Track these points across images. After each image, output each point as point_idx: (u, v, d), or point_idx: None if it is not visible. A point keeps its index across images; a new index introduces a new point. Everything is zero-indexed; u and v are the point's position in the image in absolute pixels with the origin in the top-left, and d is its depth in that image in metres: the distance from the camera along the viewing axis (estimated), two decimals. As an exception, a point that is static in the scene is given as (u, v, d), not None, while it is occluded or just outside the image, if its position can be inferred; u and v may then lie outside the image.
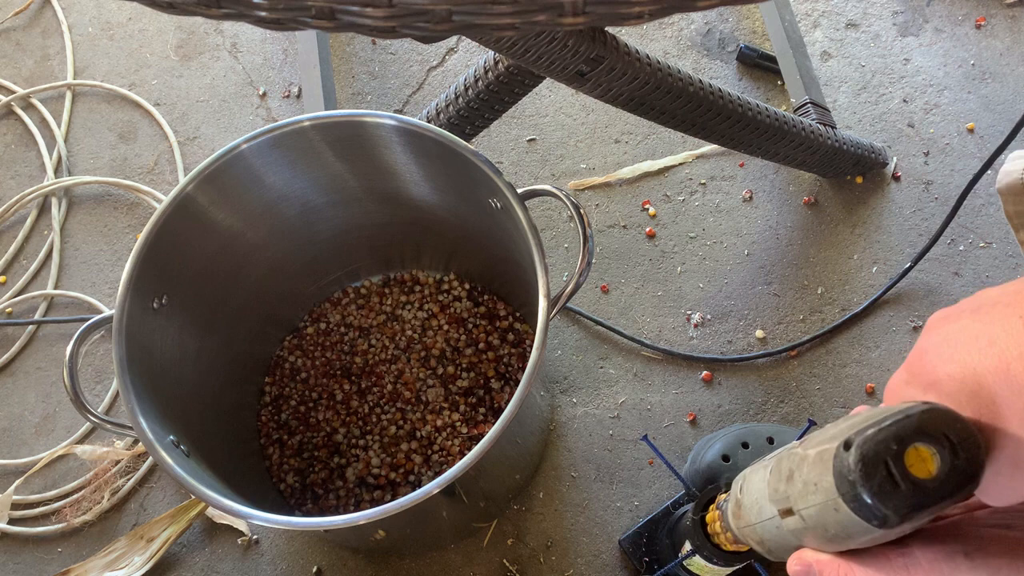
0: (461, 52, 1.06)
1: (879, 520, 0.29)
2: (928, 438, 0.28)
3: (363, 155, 0.69)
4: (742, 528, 0.41)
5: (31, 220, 0.99)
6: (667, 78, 0.70)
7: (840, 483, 0.29)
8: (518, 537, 0.80)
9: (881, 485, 0.28)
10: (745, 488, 0.40)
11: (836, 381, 0.84)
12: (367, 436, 0.83)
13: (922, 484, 0.28)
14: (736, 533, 0.42)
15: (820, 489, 0.31)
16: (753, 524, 0.38)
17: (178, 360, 0.68)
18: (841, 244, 0.90)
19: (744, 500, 0.40)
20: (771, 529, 0.36)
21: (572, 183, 0.95)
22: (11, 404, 0.91)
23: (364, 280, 0.90)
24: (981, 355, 0.29)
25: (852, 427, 0.30)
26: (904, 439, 0.28)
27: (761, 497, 0.37)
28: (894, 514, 0.28)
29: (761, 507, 0.37)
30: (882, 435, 0.28)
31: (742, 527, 0.40)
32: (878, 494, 0.28)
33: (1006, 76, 0.97)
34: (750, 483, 0.39)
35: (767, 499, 0.36)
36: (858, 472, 0.28)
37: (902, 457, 0.28)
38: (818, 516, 0.32)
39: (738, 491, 0.41)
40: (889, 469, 0.28)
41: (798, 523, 0.33)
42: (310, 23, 0.38)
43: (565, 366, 0.87)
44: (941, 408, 0.29)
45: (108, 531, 0.83)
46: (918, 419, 0.28)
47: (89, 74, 1.08)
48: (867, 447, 0.29)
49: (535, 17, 0.37)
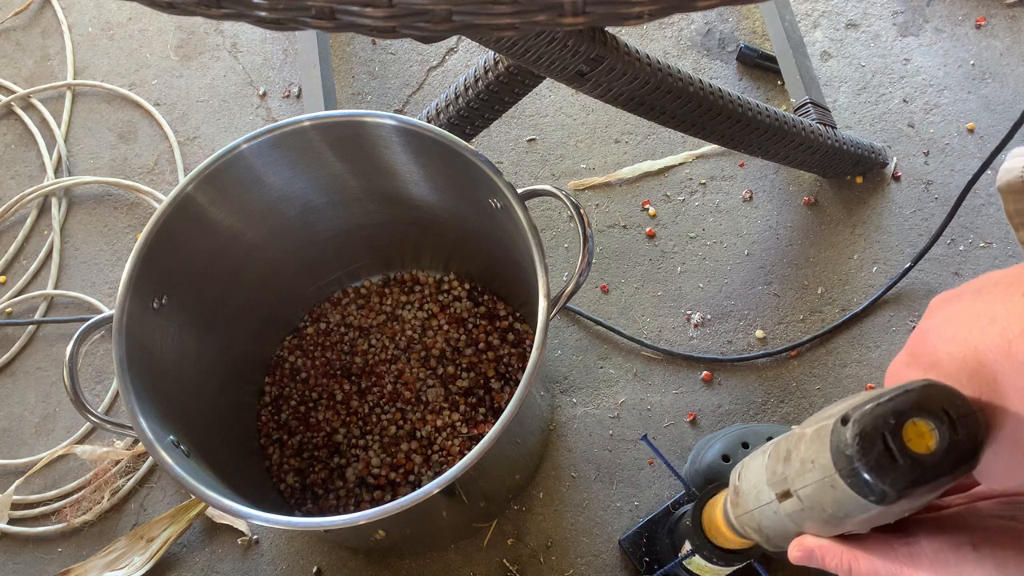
0: (461, 52, 1.06)
1: (877, 496, 0.28)
2: (927, 413, 0.28)
3: (363, 155, 0.69)
4: (740, 516, 0.40)
5: (31, 220, 0.99)
6: (667, 78, 0.70)
7: (837, 458, 0.29)
8: (518, 537, 0.80)
9: (879, 460, 0.28)
10: (743, 475, 0.39)
11: (836, 381, 0.84)
12: (367, 436, 0.83)
13: (920, 459, 0.27)
14: (735, 523, 0.42)
15: (817, 466, 0.30)
16: (751, 510, 0.38)
17: (178, 360, 0.68)
18: (841, 244, 0.90)
19: (742, 486, 0.39)
20: (769, 514, 0.36)
21: (572, 183, 0.95)
22: (11, 404, 0.91)
23: (364, 280, 0.90)
24: (983, 333, 0.28)
25: (851, 405, 0.30)
26: (903, 414, 0.28)
27: (759, 482, 0.36)
28: (891, 489, 0.28)
29: (759, 492, 0.37)
30: (880, 410, 0.28)
31: (740, 515, 0.40)
32: (875, 469, 0.28)
33: (1006, 76, 0.97)
34: (748, 469, 0.39)
35: (765, 483, 0.36)
36: (855, 447, 0.28)
37: (900, 432, 0.28)
38: (815, 495, 0.31)
39: (736, 478, 0.40)
40: (887, 444, 0.28)
41: (796, 505, 0.33)
42: (310, 23, 0.38)
43: (565, 366, 0.87)
44: (941, 384, 0.28)
45: (108, 531, 0.83)
46: (917, 394, 0.28)
47: (89, 74, 1.08)
48: (865, 421, 0.28)
49: (535, 17, 0.37)
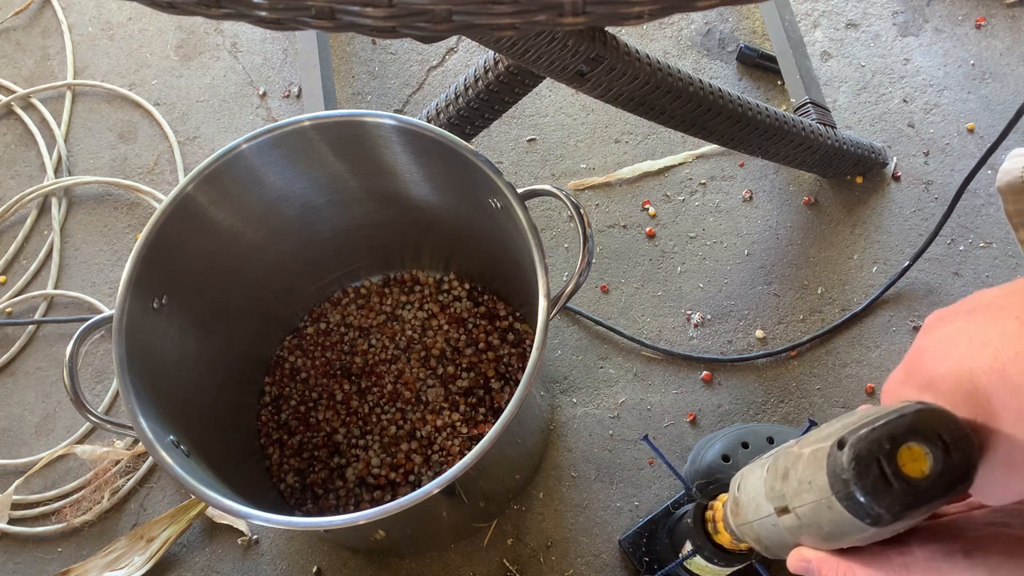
0: (461, 52, 1.06)
1: (872, 519, 0.29)
2: (921, 437, 0.28)
3: (363, 155, 0.69)
4: (740, 526, 0.41)
5: (31, 220, 0.99)
6: (667, 78, 0.70)
7: (834, 482, 0.30)
8: (518, 537, 0.80)
9: (874, 484, 0.28)
10: (743, 486, 0.40)
11: (836, 381, 0.84)
12: (367, 436, 0.83)
13: (915, 483, 0.28)
14: (735, 531, 0.42)
15: (814, 487, 0.31)
16: (751, 521, 0.39)
17: (178, 360, 0.68)
18: (841, 244, 0.90)
19: (741, 498, 0.40)
20: (768, 527, 0.37)
21: (572, 183, 0.95)
22: (11, 404, 0.91)
23: (364, 280, 0.90)
24: (976, 356, 0.29)
25: (846, 426, 0.30)
26: (897, 438, 0.28)
27: (758, 495, 0.37)
28: (887, 512, 0.28)
29: (758, 505, 0.37)
30: (875, 434, 0.29)
31: (740, 524, 0.41)
32: (871, 493, 0.28)
33: (1006, 76, 0.97)
34: (748, 481, 0.39)
35: (764, 497, 0.36)
36: (851, 471, 0.29)
37: (895, 456, 0.28)
38: (813, 514, 0.32)
39: (736, 489, 0.41)
40: (882, 468, 0.28)
41: (794, 521, 0.33)
42: (310, 23, 0.38)
43: (565, 366, 0.87)
44: (935, 408, 0.29)
45: (108, 531, 0.83)
46: (912, 418, 0.28)
47: (89, 74, 1.08)
48: (860, 446, 0.29)
49: (535, 17, 0.37)
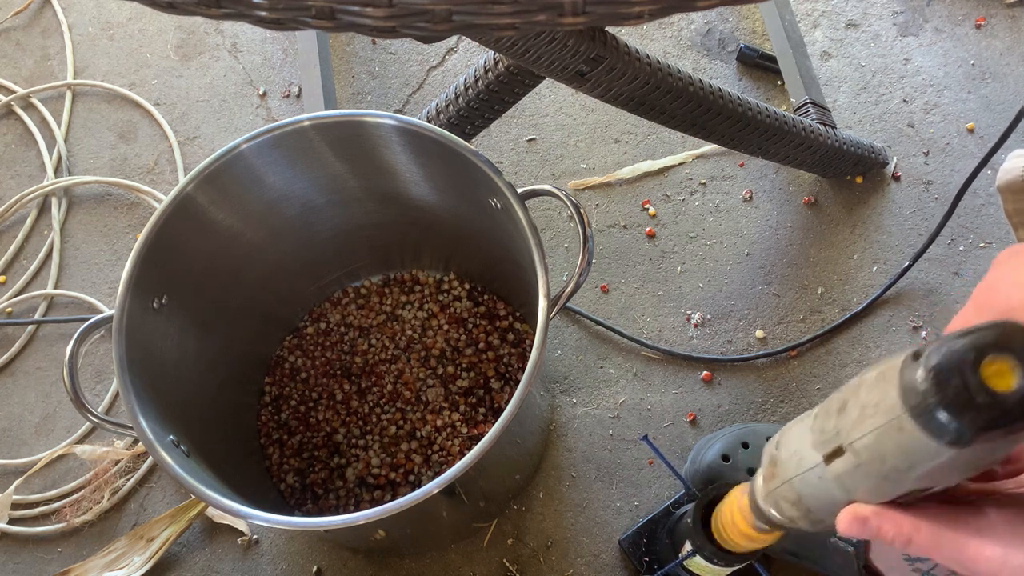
0: (461, 52, 1.06)
1: (951, 436, 0.26)
2: (1008, 351, 0.25)
3: (363, 155, 0.69)
4: (776, 489, 0.37)
5: (31, 220, 0.99)
6: (667, 78, 0.70)
7: (908, 396, 0.27)
8: (518, 537, 0.80)
9: (956, 395, 0.25)
10: (782, 442, 0.37)
11: (836, 381, 0.84)
12: (367, 436, 0.83)
13: (1001, 398, 0.25)
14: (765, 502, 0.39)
15: (881, 410, 0.28)
16: (791, 478, 0.35)
17: (178, 360, 0.68)
18: (841, 244, 0.90)
19: (780, 455, 0.37)
20: (812, 480, 0.34)
21: (572, 183, 0.95)
22: (11, 404, 0.91)
23: (364, 280, 0.90)
24: None
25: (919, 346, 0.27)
26: (982, 349, 0.25)
27: (802, 446, 0.34)
28: (969, 429, 0.25)
29: (801, 458, 0.34)
30: (958, 345, 0.26)
31: (777, 487, 0.37)
32: (952, 406, 0.25)
33: (1006, 76, 0.97)
34: (789, 435, 0.36)
35: (809, 445, 0.33)
36: (930, 381, 0.26)
37: (978, 368, 0.25)
38: (876, 444, 0.28)
39: (774, 447, 0.38)
40: (964, 379, 0.25)
41: (848, 463, 0.30)
42: (310, 23, 0.38)
43: (565, 366, 0.87)
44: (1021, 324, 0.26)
45: (108, 531, 0.83)
46: (998, 331, 0.26)
47: (89, 74, 1.08)
48: (941, 355, 0.26)
49: (535, 17, 0.37)
